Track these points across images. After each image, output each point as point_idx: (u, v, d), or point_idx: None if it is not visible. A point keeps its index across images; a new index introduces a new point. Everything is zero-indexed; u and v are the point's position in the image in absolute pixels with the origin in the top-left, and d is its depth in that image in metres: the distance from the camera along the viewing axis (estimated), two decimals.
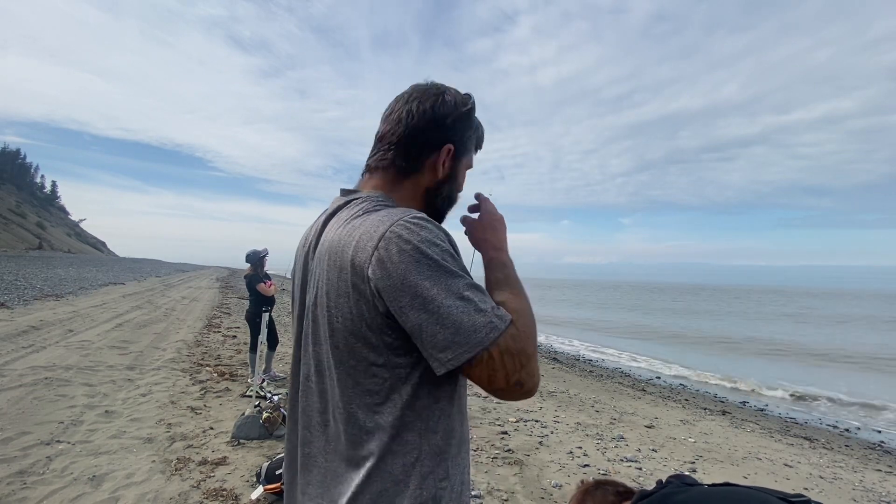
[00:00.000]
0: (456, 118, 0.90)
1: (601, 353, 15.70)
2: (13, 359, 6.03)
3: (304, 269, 0.91)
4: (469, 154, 0.97)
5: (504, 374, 0.73)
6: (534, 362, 0.76)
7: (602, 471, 3.97)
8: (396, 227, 0.75)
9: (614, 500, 1.29)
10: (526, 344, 0.75)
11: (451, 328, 0.71)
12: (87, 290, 16.79)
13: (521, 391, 0.75)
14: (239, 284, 28.73)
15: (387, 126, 0.91)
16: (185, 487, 3.09)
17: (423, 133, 0.88)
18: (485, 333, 0.72)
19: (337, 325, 0.79)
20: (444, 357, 0.72)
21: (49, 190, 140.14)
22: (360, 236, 0.77)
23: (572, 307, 38.54)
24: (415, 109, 0.89)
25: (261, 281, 6.20)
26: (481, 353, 0.72)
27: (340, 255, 0.78)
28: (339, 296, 0.78)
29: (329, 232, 0.85)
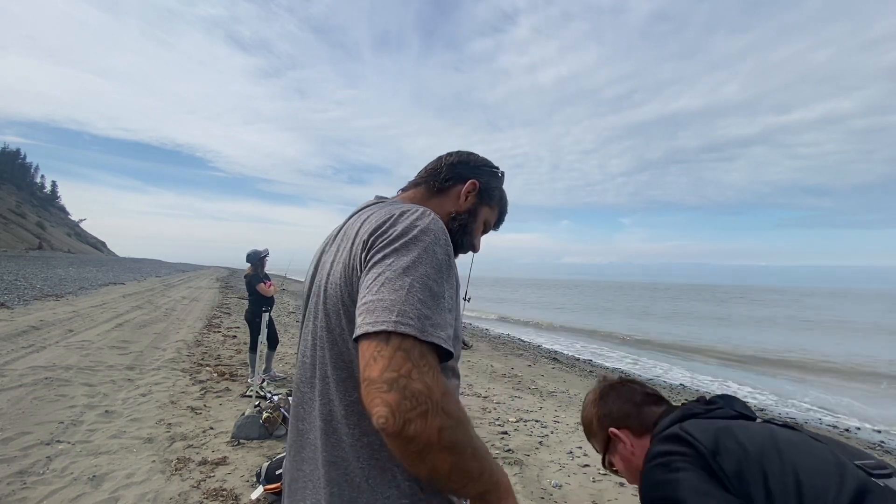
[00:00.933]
0: (483, 166, 1.08)
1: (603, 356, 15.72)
2: (13, 359, 6.03)
3: (318, 259, 0.95)
4: (490, 207, 1.08)
5: (381, 367, 0.64)
6: (436, 419, 0.63)
7: (602, 471, 3.97)
8: (414, 213, 0.80)
9: (643, 400, 1.07)
10: (440, 405, 0.64)
11: (375, 294, 0.69)
12: (87, 290, 16.79)
13: (390, 409, 0.61)
14: (239, 284, 28.74)
15: (429, 163, 1.09)
16: (185, 487, 3.09)
17: (454, 167, 1.05)
18: (396, 321, 0.66)
19: (331, 291, 0.81)
20: (358, 321, 0.69)
21: (49, 190, 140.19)
22: (378, 212, 0.83)
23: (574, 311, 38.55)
24: (452, 153, 1.09)
25: (261, 281, 6.20)
26: (378, 333, 0.66)
27: (352, 229, 0.85)
28: (339, 263, 0.82)
29: (351, 220, 0.92)
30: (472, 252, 1.09)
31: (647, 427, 1.02)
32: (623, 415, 1.05)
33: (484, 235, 1.13)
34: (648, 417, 1.03)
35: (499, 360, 10.67)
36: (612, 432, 1.04)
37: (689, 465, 0.81)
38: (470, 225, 1.04)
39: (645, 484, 0.87)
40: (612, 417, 1.05)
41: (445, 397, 0.66)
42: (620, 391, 1.09)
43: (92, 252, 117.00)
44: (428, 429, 0.62)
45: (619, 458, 1.05)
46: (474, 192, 1.04)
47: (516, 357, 11.82)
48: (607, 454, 1.08)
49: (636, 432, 1.03)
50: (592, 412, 1.10)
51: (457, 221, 1.02)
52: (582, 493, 3.51)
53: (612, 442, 1.05)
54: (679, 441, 0.86)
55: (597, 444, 1.11)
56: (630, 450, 1.02)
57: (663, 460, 0.85)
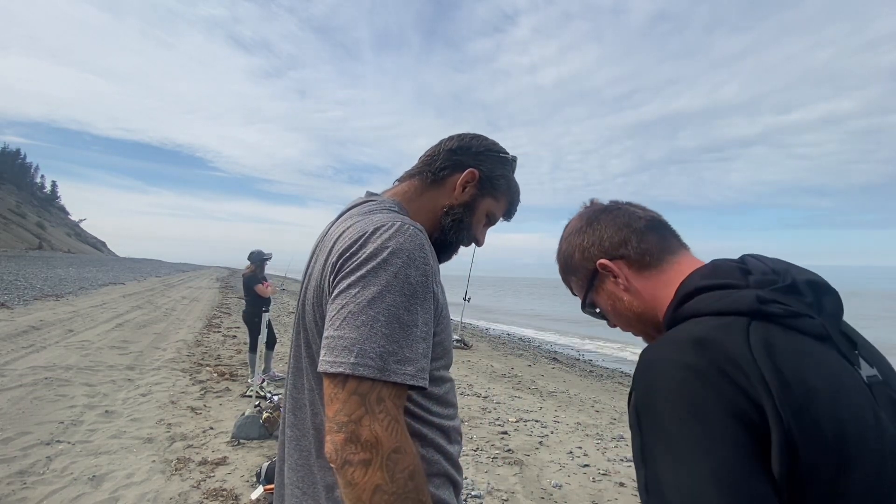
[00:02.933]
0: (486, 151, 0.97)
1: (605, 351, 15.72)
2: (13, 359, 6.03)
3: (307, 263, 0.94)
4: (494, 198, 0.98)
5: (335, 410, 0.64)
6: (375, 475, 0.61)
7: (602, 471, 3.97)
8: (384, 226, 0.73)
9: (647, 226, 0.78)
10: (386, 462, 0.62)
11: (336, 330, 0.67)
12: (87, 290, 16.79)
13: (334, 447, 0.63)
14: (238, 284, 28.74)
15: (428, 149, 1.00)
16: (185, 487, 3.09)
17: (452, 153, 0.95)
18: (354, 362, 0.64)
19: (307, 308, 0.81)
20: (320, 355, 0.68)
21: (49, 190, 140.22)
22: (354, 226, 0.78)
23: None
24: (453, 137, 0.98)
25: (259, 282, 6.21)
26: (336, 374, 0.65)
27: (329, 240, 0.80)
28: (315, 278, 0.79)
29: (334, 225, 0.88)
30: (476, 246, 1.01)
31: (652, 261, 0.76)
32: (618, 242, 0.78)
33: (492, 227, 1.04)
34: (654, 249, 0.76)
35: (499, 360, 10.67)
36: (601, 264, 0.78)
37: (728, 427, 0.52)
38: (466, 219, 0.94)
39: (643, 389, 0.60)
40: (603, 246, 0.79)
41: (396, 455, 0.62)
42: (616, 214, 0.81)
43: (92, 252, 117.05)
44: (364, 481, 0.61)
45: (606, 297, 0.80)
46: (473, 183, 0.94)
47: (516, 357, 11.83)
48: (590, 292, 0.83)
49: (634, 265, 0.76)
50: (576, 242, 0.82)
51: (450, 216, 0.93)
52: (582, 493, 3.51)
53: (599, 277, 0.80)
54: (726, 366, 0.54)
55: (576, 283, 0.85)
56: (623, 285, 0.77)
57: (683, 382, 0.55)
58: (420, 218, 0.91)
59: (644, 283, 0.76)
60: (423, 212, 0.93)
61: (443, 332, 0.79)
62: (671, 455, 0.54)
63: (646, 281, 0.76)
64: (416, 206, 0.93)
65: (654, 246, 0.77)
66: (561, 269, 0.88)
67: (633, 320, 0.79)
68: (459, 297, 11.31)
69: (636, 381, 0.62)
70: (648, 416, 0.58)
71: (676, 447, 0.54)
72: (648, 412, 0.58)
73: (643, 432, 0.58)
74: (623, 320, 0.81)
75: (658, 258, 0.76)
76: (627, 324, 0.81)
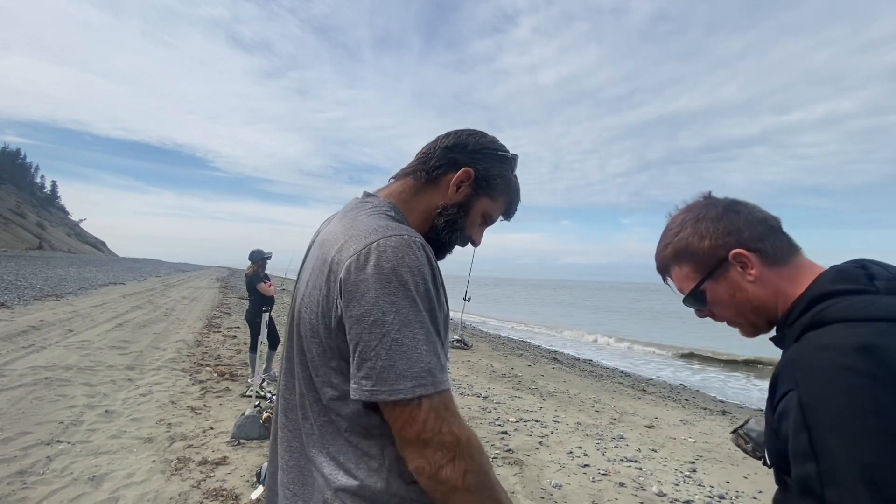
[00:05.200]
0: (483, 149, 0.93)
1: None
2: (13, 359, 6.03)
3: (302, 265, 0.94)
4: (490, 198, 0.95)
5: (417, 431, 0.70)
6: (462, 463, 0.71)
7: (602, 471, 3.97)
8: (388, 241, 0.73)
9: (778, 226, 0.83)
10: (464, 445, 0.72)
11: (384, 360, 0.69)
12: (87, 290, 16.79)
13: (426, 460, 0.71)
14: (239, 284, 28.73)
15: (424, 146, 0.97)
16: (185, 487, 3.09)
17: (448, 151, 0.92)
18: (412, 386, 0.69)
19: (304, 314, 0.81)
20: (364, 384, 0.71)
21: (49, 190, 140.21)
22: (351, 236, 0.77)
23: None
24: (450, 134, 0.95)
25: (261, 280, 6.22)
26: (402, 402, 0.70)
27: (327, 248, 0.79)
28: (314, 287, 0.79)
29: (329, 227, 0.87)
30: (473, 246, 1.00)
31: (782, 258, 0.80)
32: (758, 235, 0.81)
33: (492, 227, 1.02)
34: (785, 247, 0.81)
35: (499, 360, 10.66)
36: (737, 253, 0.80)
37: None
38: (460, 220, 0.92)
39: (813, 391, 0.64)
40: (742, 237, 0.80)
41: (470, 442, 0.73)
42: (752, 209, 0.84)
43: (92, 252, 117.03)
44: (455, 472, 0.71)
45: (727, 286, 0.82)
46: (468, 182, 0.91)
47: (516, 357, 11.82)
48: (708, 280, 0.84)
49: (767, 260, 0.80)
50: (708, 228, 0.83)
51: (444, 217, 0.91)
52: (582, 493, 3.51)
53: (726, 266, 0.81)
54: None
55: (689, 271, 0.86)
56: (752, 277, 0.80)
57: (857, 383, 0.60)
58: (414, 218, 0.91)
59: (772, 278, 0.80)
60: (417, 212, 0.92)
61: (445, 336, 0.83)
62: (852, 446, 0.58)
63: (774, 275, 0.80)
64: (411, 206, 0.91)
65: (785, 244, 0.82)
66: (672, 255, 0.88)
67: (748, 311, 0.82)
68: (459, 297, 11.31)
69: (801, 383, 0.65)
70: (824, 417, 0.62)
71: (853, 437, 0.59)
72: (824, 414, 0.62)
73: (814, 430, 0.62)
74: (736, 311, 0.84)
75: (787, 256, 0.81)
76: (739, 314, 0.84)
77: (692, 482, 3.92)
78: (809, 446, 0.62)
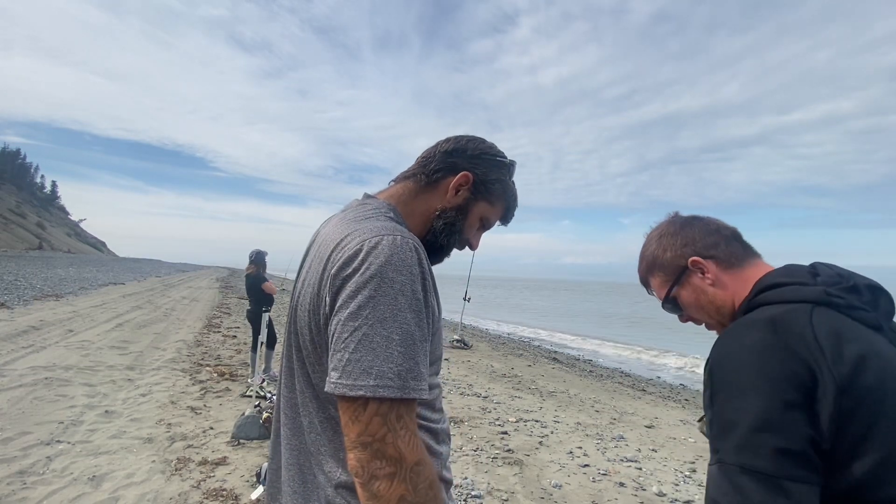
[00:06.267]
0: (482, 154, 0.95)
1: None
2: (13, 359, 6.02)
3: (301, 264, 0.94)
4: (488, 202, 0.96)
5: (358, 431, 0.66)
6: (400, 486, 0.65)
7: (602, 471, 3.97)
8: (380, 240, 0.73)
9: (732, 235, 0.94)
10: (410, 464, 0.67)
11: (352, 353, 0.67)
12: (87, 290, 16.79)
13: (360, 464, 0.66)
14: (239, 284, 28.72)
15: (425, 150, 0.99)
16: (185, 487, 3.09)
17: (448, 155, 0.94)
18: (374, 384, 0.66)
19: (300, 312, 0.81)
20: (332, 376, 0.69)
21: (49, 190, 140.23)
22: (349, 233, 0.77)
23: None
24: (450, 138, 0.98)
25: (264, 280, 6.23)
26: (356, 398, 0.67)
27: (325, 247, 0.79)
28: (310, 285, 0.79)
29: (327, 227, 0.88)
30: (470, 249, 1.01)
31: (736, 262, 0.91)
32: (711, 244, 0.92)
33: (487, 231, 1.03)
34: (739, 253, 0.92)
35: (499, 360, 10.67)
36: (694, 261, 0.91)
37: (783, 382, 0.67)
38: (458, 223, 0.94)
39: (717, 352, 0.76)
40: (696, 247, 0.93)
41: (418, 467, 0.67)
42: (706, 222, 0.96)
43: (92, 252, 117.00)
44: (390, 493, 0.65)
45: (691, 290, 0.94)
46: (467, 186, 0.93)
47: (516, 357, 11.82)
48: (675, 286, 0.96)
49: (722, 264, 0.91)
50: (668, 242, 0.96)
51: (442, 219, 0.92)
52: (582, 493, 3.51)
53: (688, 273, 0.93)
54: (797, 341, 0.70)
55: (661, 279, 0.98)
56: (710, 280, 0.91)
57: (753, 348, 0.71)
58: (413, 220, 0.92)
59: (729, 280, 0.90)
60: (416, 214, 0.93)
61: (436, 341, 0.82)
62: (731, 395, 0.70)
63: (730, 277, 0.90)
64: (410, 208, 0.93)
65: (738, 250, 0.93)
66: (646, 268, 1.01)
67: (712, 311, 0.92)
68: (459, 297, 11.30)
69: (713, 349, 0.77)
70: (718, 372, 0.74)
71: (735, 390, 0.70)
72: (719, 369, 0.74)
73: (713, 384, 0.74)
74: (702, 312, 0.94)
75: (741, 260, 0.92)
76: (706, 315, 0.94)
77: (692, 482, 3.93)
78: (709, 399, 0.74)
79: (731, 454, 0.67)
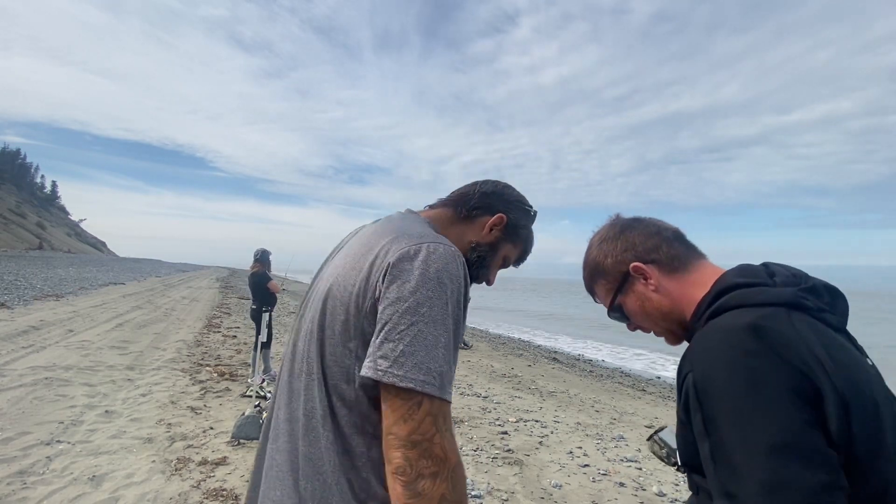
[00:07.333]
0: (516, 203, 1.07)
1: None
2: (13, 359, 6.03)
3: (330, 257, 0.99)
4: (513, 244, 1.07)
5: (410, 430, 0.70)
6: (443, 485, 0.70)
7: (602, 471, 3.97)
8: (438, 246, 0.79)
9: (674, 236, 0.89)
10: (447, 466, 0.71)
11: (407, 346, 0.71)
12: (87, 290, 16.79)
13: (409, 462, 0.69)
14: (239, 284, 28.72)
15: (461, 187, 1.09)
16: (185, 487, 3.09)
17: (487, 196, 1.04)
18: (423, 380, 0.70)
19: (336, 292, 0.82)
20: (379, 363, 0.72)
21: (49, 190, 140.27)
22: (403, 234, 0.83)
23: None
24: (488, 182, 1.08)
25: (269, 279, 6.24)
26: (409, 393, 0.70)
27: (375, 239, 0.85)
28: (353, 269, 0.83)
29: (374, 226, 0.94)
30: (486, 285, 1.09)
31: (680, 265, 0.85)
32: (651, 248, 0.87)
33: (501, 270, 1.11)
34: (682, 255, 0.86)
35: (499, 360, 10.67)
36: (635, 266, 0.86)
37: (784, 397, 0.60)
38: (489, 258, 1.03)
39: (703, 370, 0.67)
40: (636, 251, 0.87)
41: (458, 469, 0.73)
42: (646, 224, 0.90)
43: (92, 252, 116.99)
44: (433, 492, 0.69)
45: (635, 298, 0.88)
46: (500, 227, 1.03)
47: (516, 357, 11.83)
48: (619, 294, 0.90)
49: (665, 269, 0.85)
50: (608, 248, 0.91)
51: (476, 252, 1.02)
52: (582, 493, 3.51)
53: (630, 280, 0.88)
54: (788, 349, 0.63)
55: (604, 287, 0.93)
56: (653, 286, 0.85)
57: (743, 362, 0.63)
58: None
59: (673, 285, 0.85)
60: (451, 241, 1.00)
61: None
62: (734, 423, 0.61)
63: (674, 282, 0.85)
64: (446, 233, 0.99)
65: (681, 252, 0.87)
66: (588, 275, 0.96)
67: (659, 319, 0.87)
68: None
69: (695, 364, 0.69)
70: (710, 392, 0.65)
71: (739, 416, 0.61)
72: (710, 389, 0.65)
73: (704, 407, 0.65)
74: (649, 319, 0.89)
75: (685, 263, 0.86)
76: (653, 323, 0.89)
77: None
78: (703, 426, 0.65)
79: (756, 497, 0.57)
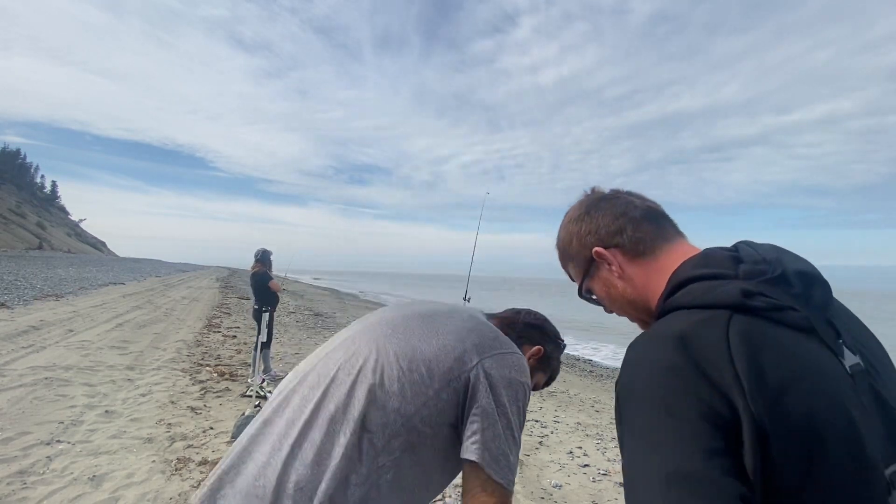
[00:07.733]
0: (553, 336, 1.23)
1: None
2: (13, 359, 6.02)
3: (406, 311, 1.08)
4: (543, 373, 1.23)
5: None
6: None
7: (602, 471, 3.97)
8: (522, 360, 0.98)
9: (643, 216, 0.79)
10: None
11: (505, 447, 0.87)
12: (87, 290, 16.79)
13: None
14: (239, 284, 28.71)
15: (507, 310, 1.26)
16: (185, 487, 3.09)
17: (530, 328, 1.21)
18: (509, 477, 0.87)
19: (424, 349, 0.93)
20: (485, 456, 0.85)
21: (49, 190, 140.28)
22: (490, 336, 0.98)
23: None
24: (531, 312, 1.25)
25: (270, 279, 6.24)
26: (500, 484, 0.85)
27: (463, 328, 0.98)
28: (447, 342, 0.94)
29: (463, 311, 1.05)
30: None
31: (645, 249, 0.77)
32: (614, 231, 0.79)
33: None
34: (648, 237, 0.77)
35: None
36: (596, 252, 0.79)
37: (696, 425, 0.53)
38: None
39: (623, 383, 0.63)
40: (600, 235, 0.80)
41: None
42: (614, 203, 0.81)
43: (92, 252, 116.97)
44: None
45: (601, 284, 0.82)
46: (537, 357, 1.18)
47: None
48: (586, 279, 0.84)
49: (629, 253, 0.78)
50: (573, 230, 0.84)
51: None
52: (582, 493, 3.51)
53: (595, 265, 0.81)
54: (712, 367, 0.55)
55: (574, 270, 0.87)
56: (617, 273, 0.79)
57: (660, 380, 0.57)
58: None
59: (637, 271, 0.77)
60: None
61: None
62: (640, 447, 0.56)
63: (639, 268, 0.77)
64: None
65: (648, 234, 0.78)
66: (560, 256, 0.90)
67: (626, 307, 0.81)
68: (459, 297, 11.27)
69: (620, 374, 0.64)
70: (626, 408, 0.60)
71: (645, 440, 0.56)
72: (627, 405, 0.60)
73: (621, 423, 0.61)
74: (617, 306, 0.83)
75: (651, 246, 0.77)
76: (621, 310, 0.82)
77: None
78: (620, 441, 0.61)
79: None
